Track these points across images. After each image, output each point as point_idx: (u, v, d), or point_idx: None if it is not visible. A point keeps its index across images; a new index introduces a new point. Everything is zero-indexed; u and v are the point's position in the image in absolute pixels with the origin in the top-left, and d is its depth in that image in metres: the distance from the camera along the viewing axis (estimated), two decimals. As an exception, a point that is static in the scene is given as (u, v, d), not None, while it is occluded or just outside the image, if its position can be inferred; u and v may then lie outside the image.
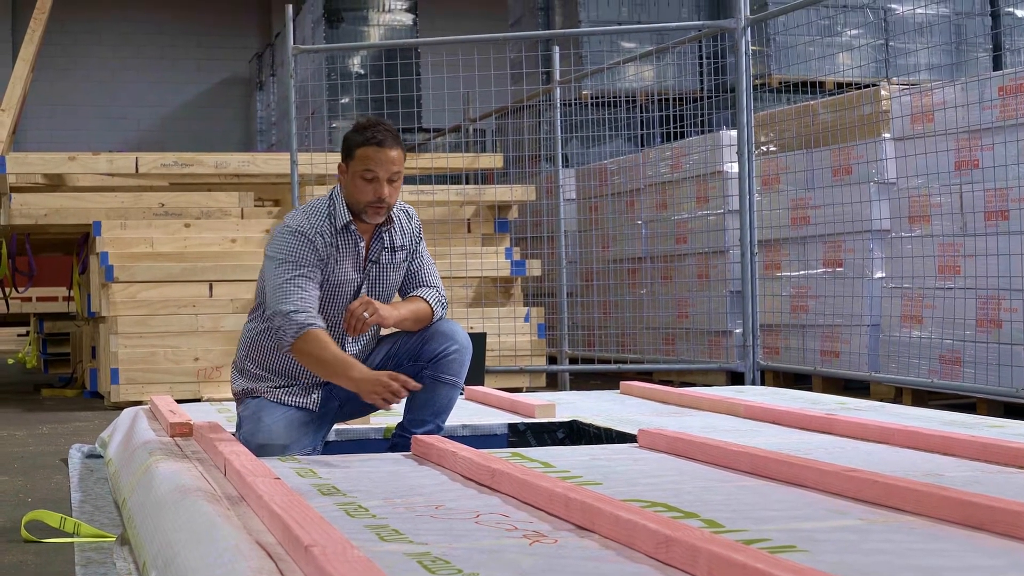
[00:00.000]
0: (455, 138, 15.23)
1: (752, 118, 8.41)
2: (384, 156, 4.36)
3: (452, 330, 4.59)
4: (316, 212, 4.47)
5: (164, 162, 9.61)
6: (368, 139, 4.37)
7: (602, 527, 2.86)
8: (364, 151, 4.37)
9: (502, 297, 9.71)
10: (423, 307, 4.56)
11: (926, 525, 2.91)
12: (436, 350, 4.56)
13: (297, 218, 4.46)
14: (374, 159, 4.36)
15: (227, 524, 3.03)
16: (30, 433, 7.20)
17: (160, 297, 8.76)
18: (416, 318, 4.55)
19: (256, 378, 4.60)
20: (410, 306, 4.55)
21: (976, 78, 7.34)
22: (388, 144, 4.37)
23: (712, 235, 9.57)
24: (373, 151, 4.36)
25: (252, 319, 4.65)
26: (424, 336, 4.58)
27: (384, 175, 4.36)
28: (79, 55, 24.10)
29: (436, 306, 4.59)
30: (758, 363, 8.38)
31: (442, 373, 4.55)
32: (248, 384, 4.61)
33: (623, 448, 4.47)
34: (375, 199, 4.38)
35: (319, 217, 4.45)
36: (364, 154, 4.37)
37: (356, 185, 4.40)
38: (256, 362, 4.60)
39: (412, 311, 4.54)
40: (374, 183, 4.37)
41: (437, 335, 4.57)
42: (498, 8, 18.08)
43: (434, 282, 4.66)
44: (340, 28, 17.96)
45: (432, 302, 4.59)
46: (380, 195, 4.37)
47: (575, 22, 13.11)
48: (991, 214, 7.01)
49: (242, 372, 4.66)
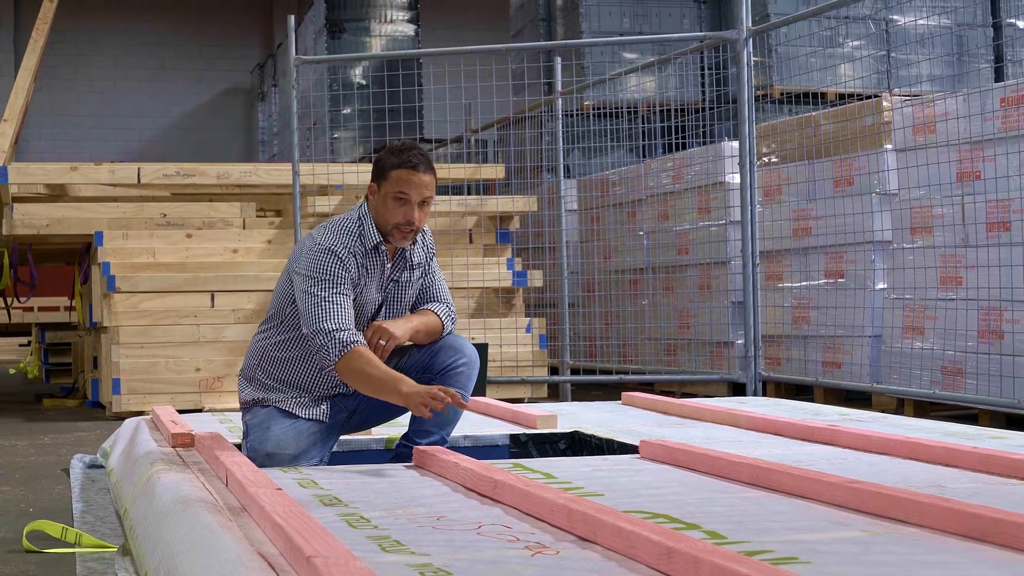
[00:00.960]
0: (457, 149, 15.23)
1: (754, 129, 8.41)
2: (418, 180, 4.38)
3: (460, 344, 4.61)
4: (346, 231, 4.46)
5: (166, 172, 9.62)
6: (404, 162, 4.38)
7: (604, 538, 2.86)
8: (399, 173, 4.38)
9: (504, 308, 9.71)
10: (433, 320, 4.59)
11: (928, 537, 2.91)
12: (444, 363, 4.57)
13: (329, 237, 4.44)
14: (408, 182, 4.37)
15: (229, 535, 3.02)
16: (31, 443, 7.20)
17: (162, 307, 8.77)
18: (428, 330, 4.57)
19: (266, 388, 4.59)
20: (421, 318, 4.57)
21: (978, 89, 7.35)
22: (422, 168, 4.39)
23: (714, 246, 9.57)
24: (407, 174, 4.38)
25: (264, 330, 4.65)
26: (433, 349, 4.60)
27: (416, 199, 4.38)
28: (81, 65, 24.13)
29: (446, 320, 4.62)
30: (760, 374, 8.37)
31: (450, 386, 4.55)
32: (257, 394, 4.61)
33: (625, 459, 4.47)
34: (404, 221, 4.40)
35: (350, 236, 4.45)
36: (398, 176, 4.38)
37: (387, 206, 4.41)
38: (267, 372, 4.60)
39: (423, 323, 4.56)
40: (405, 206, 4.39)
41: (446, 348, 4.59)
42: (500, 19, 18.10)
43: (445, 297, 4.70)
44: (342, 39, 17.99)
45: (443, 316, 4.62)
46: (410, 218, 4.39)
47: (577, 33, 13.13)
48: (993, 225, 7.01)
49: (251, 381, 4.65)
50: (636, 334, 10.39)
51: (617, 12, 13.22)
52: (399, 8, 18.49)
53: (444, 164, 10.38)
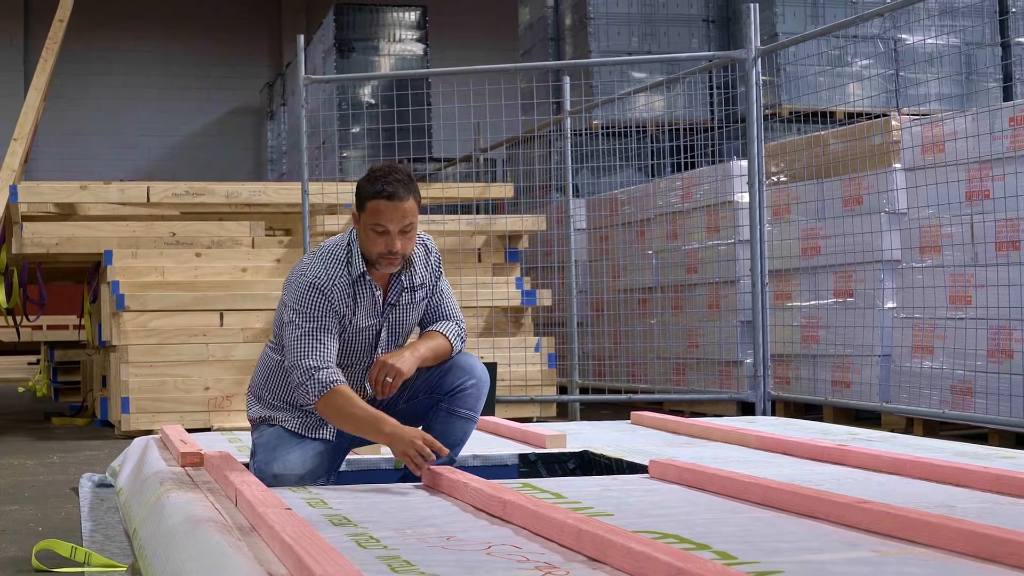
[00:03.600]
0: (465, 168, 15.26)
1: (763, 148, 8.42)
2: (395, 210, 4.26)
3: (470, 364, 4.57)
4: (335, 260, 4.39)
5: (175, 191, 9.63)
6: (379, 191, 4.25)
7: (614, 559, 2.85)
8: (375, 204, 4.26)
9: (512, 327, 9.71)
10: (441, 342, 4.52)
11: (939, 557, 2.90)
12: (454, 384, 4.53)
13: (315, 268, 4.37)
14: (385, 213, 4.25)
15: (238, 555, 3.02)
16: (40, 462, 7.20)
17: (171, 326, 8.78)
18: (435, 355, 4.50)
19: (273, 407, 4.58)
20: (428, 343, 4.49)
21: (987, 108, 7.35)
22: (399, 196, 4.24)
23: (723, 265, 9.56)
24: (384, 204, 4.25)
25: (272, 349, 4.61)
26: (442, 369, 4.55)
27: (395, 228, 4.27)
28: (91, 84, 24.19)
29: (455, 340, 4.55)
30: (769, 393, 8.36)
31: (458, 407, 4.54)
32: (264, 412, 4.59)
33: (634, 479, 4.46)
34: (387, 251, 4.30)
35: (337, 266, 4.37)
36: (375, 207, 4.26)
37: (368, 237, 4.31)
38: (273, 393, 4.58)
39: (430, 348, 4.48)
40: (385, 236, 4.29)
41: (455, 369, 4.55)
42: (508, 38, 18.14)
43: (454, 314, 4.62)
44: (351, 58, 18.04)
45: (451, 336, 4.54)
46: (392, 248, 4.29)
47: (585, 52, 13.15)
48: (1002, 244, 7.01)
49: (259, 399, 4.64)
50: (645, 353, 10.38)
51: (626, 32, 13.24)
52: (408, 27, 18.55)
53: (453, 183, 10.40)
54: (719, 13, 13.43)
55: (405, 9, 18.77)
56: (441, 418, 4.54)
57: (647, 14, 13.29)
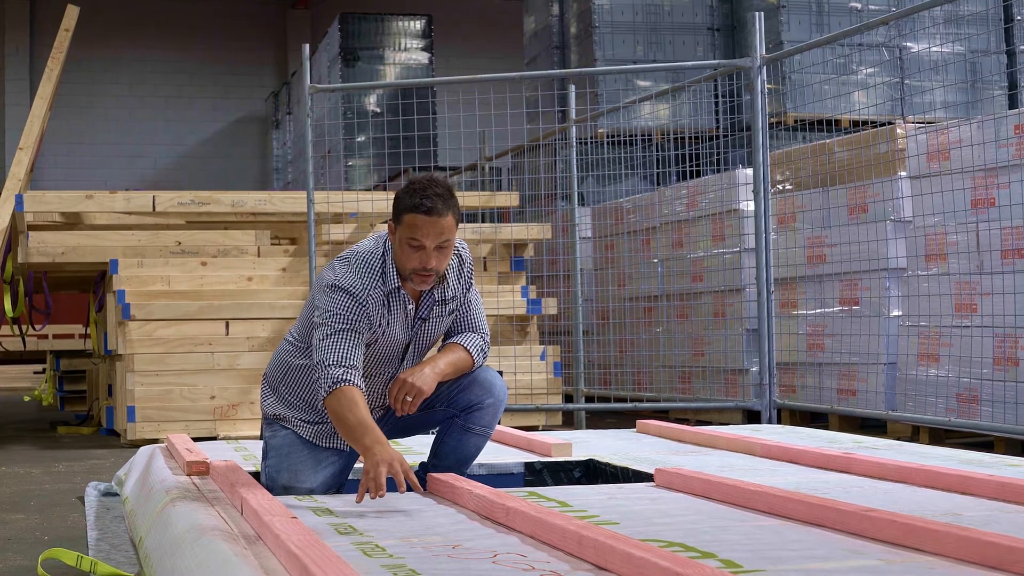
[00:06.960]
0: (471, 176, 15.26)
1: (768, 156, 8.41)
2: (432, 226, 4.12)
3: (490, 382, 4.49)
4: (369, 269, 4.26)
5: (181, 200, 9.64)
6: (417, 205, 4.10)
7: (619, 567, 2.85)
8: (411, 218, 4.12)
9: (518, 335, 9.70)
10: (463, 357, 4.42)
11: (945, 565, 2.90)
12: (472, 401, 4.47)
13: (349, 276, 4.24)
14: (421, 228, 4.11)
15: (244, 564, 3.02)
16: (46, 471, 7.21)
17: (177, 335, 8.78)
18: (456, 370, 4.41)
19: (289, 404, 4.51)
20: (450, 357, 4.39)
21: (992, 116, 7.34)
22: (438, 211, 4.10)
23: (728, 273, 9.56)
24: (421, 219, 4.11)
25: (293, 345, 4.51)
26: (461, 384, 4.48)
27: (432, 244, 4.14)
28: (97, 93, 24.24)
29: (477, 354, 4.45)
30: (774, 401, 8.36)
31: (473, 424, 4.49)
32: (280, 409, 4.53)
33: (640, 487, 4.46)
34: (421, 268, 4.18)
35: (372, 276, 4.25)
36: (411, 221, 4.12)
37: (403, 250, 4.19)
38: (290, 388, 4.51)
39: (451, 363, 4.39)
40: (420, 252, 4.15)
41: (474, 385, 4.47)
42: (514, 47, 18.15)
43: (480, 326, 4.52)
44: (356, 67, 18.07)
45: (473, 350, 4.45)
46: (426, 264, 4.17)
47: (591, 61, 13.15)
48: (1008, 252, 7.00)
49: (275, 391, 4.57)
50: (650, 361, 10.37)
51: (631, 40, 13.25)
52: (413, 36, 18.58)
53: (459, 192, 10.38)
54: (724, 22, 13.43)
55: (410, 18, 18.80)
56: (455, 434, 4.51)
57: (652, 23, 13.30)
